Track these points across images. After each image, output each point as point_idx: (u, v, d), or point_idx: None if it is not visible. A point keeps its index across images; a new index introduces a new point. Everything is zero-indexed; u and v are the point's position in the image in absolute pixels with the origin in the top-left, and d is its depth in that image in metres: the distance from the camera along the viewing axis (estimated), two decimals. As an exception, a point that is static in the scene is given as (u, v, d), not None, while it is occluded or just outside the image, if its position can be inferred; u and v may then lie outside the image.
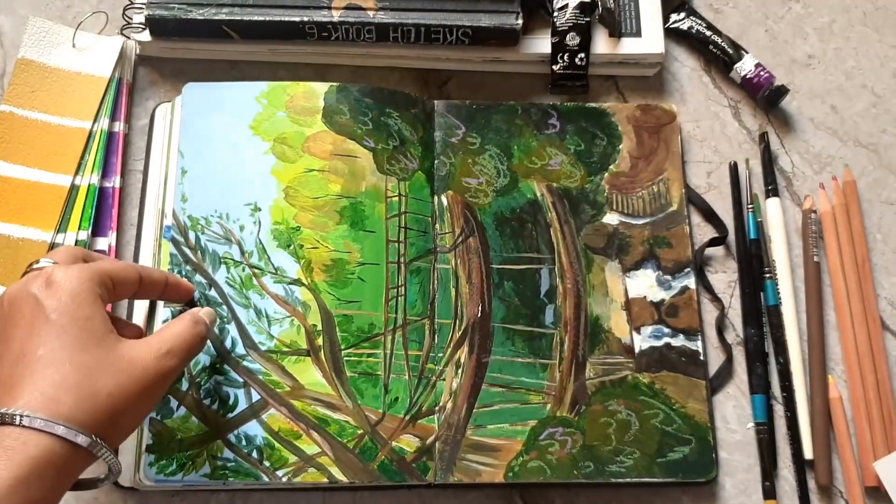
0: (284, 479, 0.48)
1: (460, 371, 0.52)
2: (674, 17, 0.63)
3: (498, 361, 0.53)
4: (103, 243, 0.55)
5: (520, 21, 0.58)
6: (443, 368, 0.52)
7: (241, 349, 0.50)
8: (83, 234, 0.54)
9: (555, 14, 0.59)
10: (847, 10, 0.65)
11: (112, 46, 0.59)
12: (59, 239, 0.54)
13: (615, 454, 0.51)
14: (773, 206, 0.58)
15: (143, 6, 0.58)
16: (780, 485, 0.52)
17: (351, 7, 0.57)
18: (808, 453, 0.52)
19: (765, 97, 0.61)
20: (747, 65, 0.61)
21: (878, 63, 0.64)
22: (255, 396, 0.49)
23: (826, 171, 0.60)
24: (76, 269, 0.40)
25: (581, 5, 0.59)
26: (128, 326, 0.47)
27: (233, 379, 0.50)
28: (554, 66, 0.59)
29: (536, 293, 0.54)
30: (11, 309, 0.39)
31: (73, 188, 0.55)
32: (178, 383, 0.49)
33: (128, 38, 0.60)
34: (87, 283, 0.40)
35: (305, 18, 0.57)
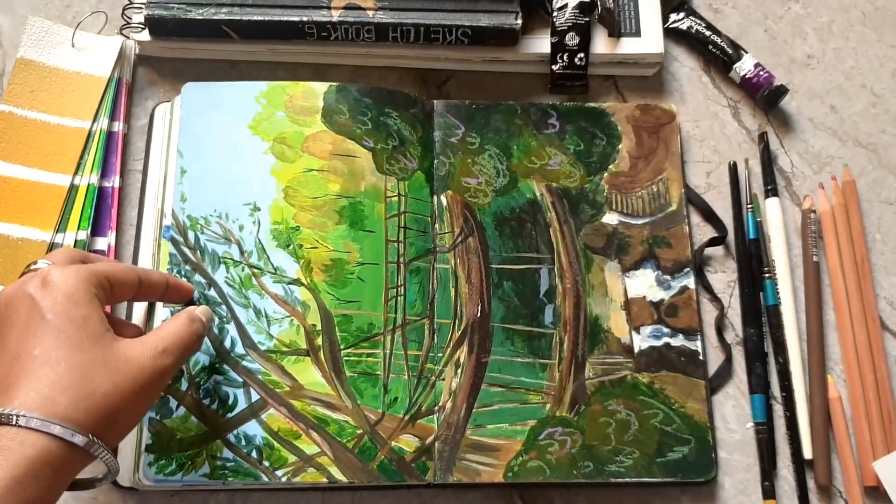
0: (284, 479, 0.48)
1: (460, 371, 0.52)
2: (673, 17, 0.63)
3: (497, 361, 0.53)
4: (103, 243, 0.55)
5: (519, 21, 0.58)
6: (442, 368, 0.52)
7: (240, 349, 0.50)
8: (82, 234, 0.54)
9: (554, 14, 0.59)
10: (846, 10, 0.65)
11: (111, 46, 0.59)
12: (58, 239, 0.54)
13: (614, 454, 0.51)
14: (772, 206, 0.58)
15: (143, 6, 0.58)
16: (779, 484, 0.52)
17: (350, 7, 0.57)
18: (808, 453, 0.52)
19: (764, 97, 0.61)
20: (747, 65, 0.61)
21: (877, 63, 0.64)
22: (255, 396, 0.49)
23: (825, 170, 0.60)
24: (72, 270, 0.40)
25: (580, 5, 0.59)
26: (127, 326, 0.47)
27: (232, 379, 0.50)
28: (553, 66, 0.59)
29: (536, 293, 0.54)
30: (8, 309, 0.39)
31: (73, 188, 0.55)
32: (177, 383, 0.49)
33: (127, 37, 0.60)
34: (84, 283, 0.40)
35: (305, 18, 0.57)
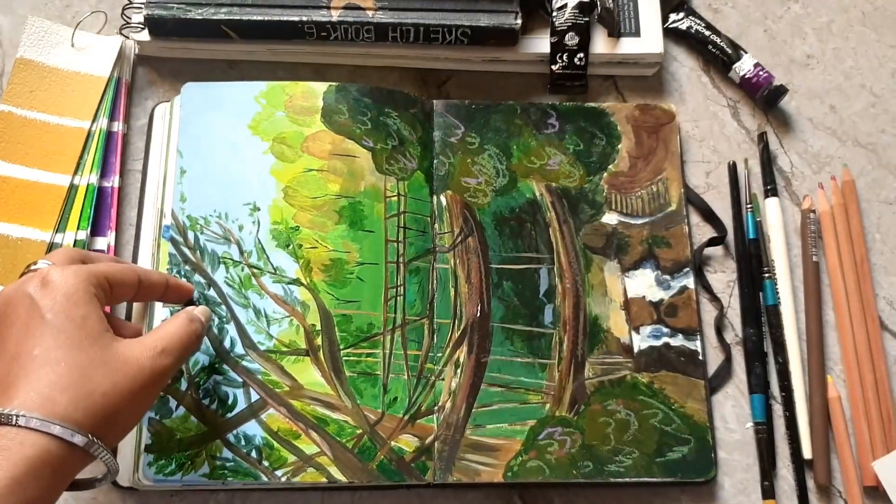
0: (283, 479, 0.48)
1: (459, 371, 0.52)
2: (673, 17, 0.63)
3: (497, 361, 0.53)
4: (102, 243, 0.55)
5: (519, 21, 0.58)
6: (442, 368, 0.52)
7: (240, 349, 0.50)
8: (82, 234, 0.54)
9: (554, 14, 0.59)
10: (846, 11, 0.65)
11: (111, 46, 0.59)
12: (57, 238, 0.54)
13: (614, 454, 0.51)
14: (771, 205, 0.58)
15: (142, 6, 0.58)
16: (778, 484, 0.52)
17: (350, 7, 0.57)
18: (807, 453, 0.52)
19: (764, 97, 0.61)
20: (746, 65, 0.61)
21: (876, 63, 0.64)
22: (255, 396, 0.49)
23: (825, 170, 0.60)
24: (72, 269, 0.40)
25: (580, 5, 0.59)
26: (127, 327, 0.47)
27: (232, 379, 0.50)
28: (553, 66, 0.59)
29: (535, 293, 0.54)
30: (7, 309, 0.39)
31: (72, 188, 0.55)
32: (176, 383, 0.49)
33: (127, 37, 0.60)
34: (83, 283, 0.40)
35: (304, 18, 0.57)
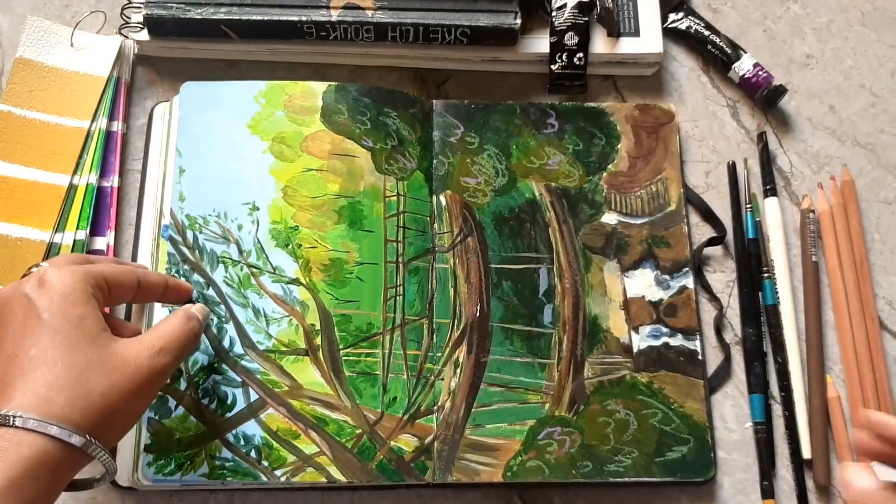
0: (283, 479, 0.48)
1: (459, 371, 0.52)
2: (672, 17, 0.63)
3: (496, 361, 0.53)
4: (101, 243, 0.55)
5: (518, 21, 0.58)
6: (441, 368, 0.52)
7: (239, 349, 0.50)
8: (81, 234, 0.54)
9: (553, 14, 0.59)
10: (845, 11, 0.65)
11: (110, 46, 0.59)
12: (57, 238, 0.54)
13: (613, 454, 0.51)
14: (771, 205, 0.58)
15: (142, 6, 0.58)
16: (778, 484, 0.52)
17: (349, 6, 0.57)
18: (807, 453, 0.52)
19: (763, 97, 0.61)
20: (745, 64, 0.61)
21: (876, 63, 0.64)
22: (254, 396, 0.49)
23: (824, 170, 0.60)
24: (69, 270, 0.40)
25: (579, 5, 0.59)
26: (126, 327, 0.47)
27: (231, 378, 0.50)
28: (552, 66, 0.59)
29: (535, 293, 0.54)
30: (4, 309, 0.39)
31: (72, 188, 0.55)
32: (176, 383, 0.49)
33: (126, 37, 0.60)
34: (80, 283, 0.40)
35: (304, 18, 0.57)
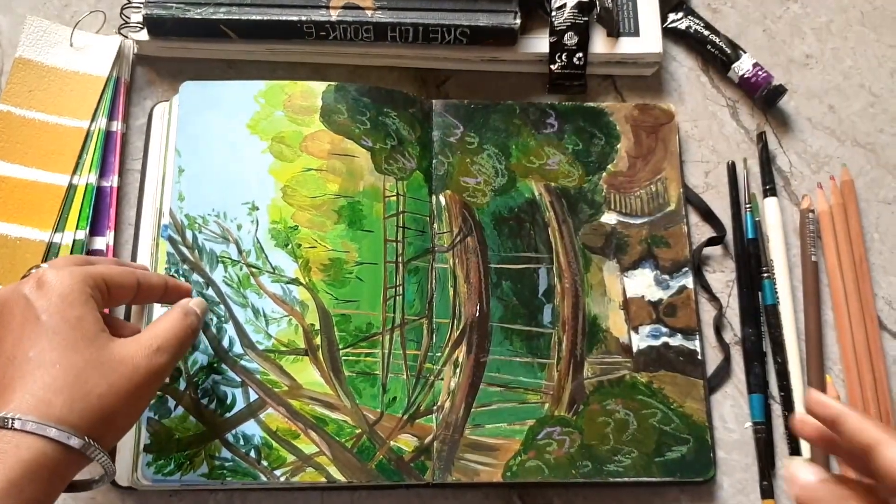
0: (282, 479, 0.48)
1: (458, 370, 0.52)
2: (672, 17, 0.63)
3: (496, 361, 0.53)
4: (101, 243, 0.55)
5: (518, 21, 0.58)
6: (441, 368, 0.52)
7: (238, 348, 0.50)
8: (81, 234, 0.54)
9: (553, 14, 0.59)
10: (845, 10, 0.65)
11: (110, 46, 0.59)
12: (56, 238, 0.54)
13: (613, 454, 0.51)
14: (770, 205, 0.58)
15: (141, 5, 0.58)
16: (777, 484, 0.52)
17: (349, 6, 0.57)
18: (806, 453, 0.52)
19: (763, 97, 0.61)
20: (745, 64, 0.61)
21: (875, 63, 0.64)
22: (253, 396, 0.49)
23: (824, 170, 0.60)
24: (67, 271, 0.40)
25: (579, 5, 0.59)
26: (126, 327, 0.47)
27: (230, 378, 0.50)
28: (552, 66, 0.59)
29: (534, 293, 0.54)
30: (3, 311, 0.39)
31: (71, 187, 0.55)
32: (175, 383, 0.49)
33: (125, 37, 0.60)
34: (79, 284, 0.39)
35: (303, 18, 0.57)
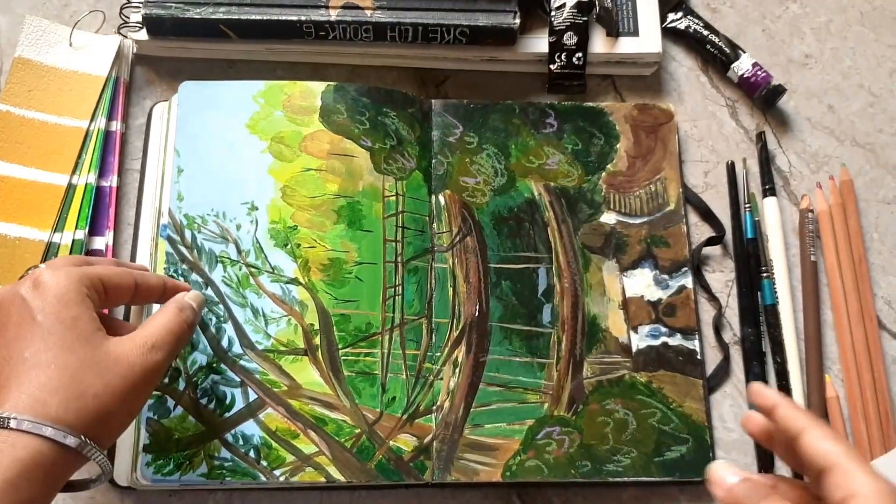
0: (282, 479, 0.48)
1: (458, 370, 0.52)
2: (671, 17, 0.63)
3: (495, 361, 0.53)
4: (100, 242, 0.55)
5: (517, 20, 0.58)
6: (440, 368, 0.52)
7: (237, 348, 0.50)
8: (80, 234, 0.54)
9: (552, 13, 0.59)
10: (844, 10, 0.65)
11: (109, 45, 0.59)
12: (56, 238, 0.54)
13: (612, 453, 0.51)
14: (770, 205, 0.58)
15: (141, 5, 0.58)
16: (777, 484, 0.52)
17: (348, 6, 0.57)
18: (805, 452, 0.52)
19: (762, 97, 0.61)
20: (744, 64, 0.61)
21: (874, 63, 0.64)
22: (252, 396, 0.49)
23: (823, 170, 0.60)
24: (64, 271, 0.40)
25: (578, 5, 0.59)
26: (124, 326, 0.47)
27: (230, 378, 0.50)
28: (551, 66, 0.59)
29: (534, 292, 0.54)
30: (0, 311, 0.39)
31: (70, 187, 0.55)
32: (174, 383, 0.49)
33: (125, 36, 0.60)
34: (75, 284, 0.39)
35: (303, 17, 0.57)
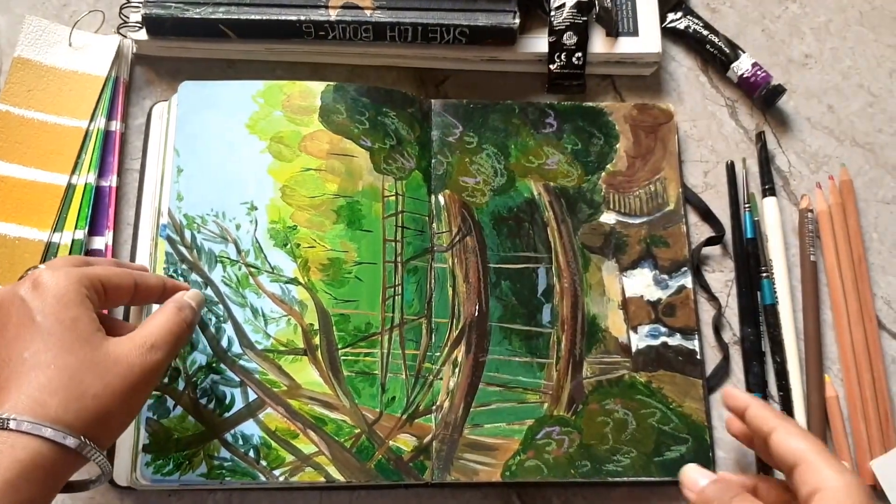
0: (281, 479, 0.48)
1: (457, 370, 0.52)
2: (671, 17, 0.63)
3: (495, 360, 0.53)
4: (100, 242, 0.55)
5: (517, 20, 0.58)
6: (440, 368, 0.52)
7: (237, 348, 0.50)
8: (80, 234, 0.54)
9: (552, 13, 0.59)
10: (843, 10, 0.65)
11: (108, 45, 0.59)
12: (55, 238, 0.54)
13: (612, 453, 0.51)
14: (769, 205, 0.58)
15: (140, 5, 0.58)
16: (776, 484, 0.52)
17: (348, 6, 0.57)
18: (805, 452, 0.52)
19: (762, 97, 0.61)
20: (744, 64, 0.61)
21: (874, 63, 0.64)
22: (252, 396, 0.49)
23: (823, 170, 0.60)
24: (63, 272, 0.40)
25: (578, 5, 0.59)
26: (123, 326, 0.47)
27: (229, 378, 0.50)
28: (551, 66, 0.59)
29: (533, 292, 0.54)
30: (0, 312, 0.39)
31: (70, 187, 0.55)
32: (174, 383, 0.49)
33: (124, 36, 0.60)
34: (74, 285, 0.39)
35: (302, 17, 0.57)
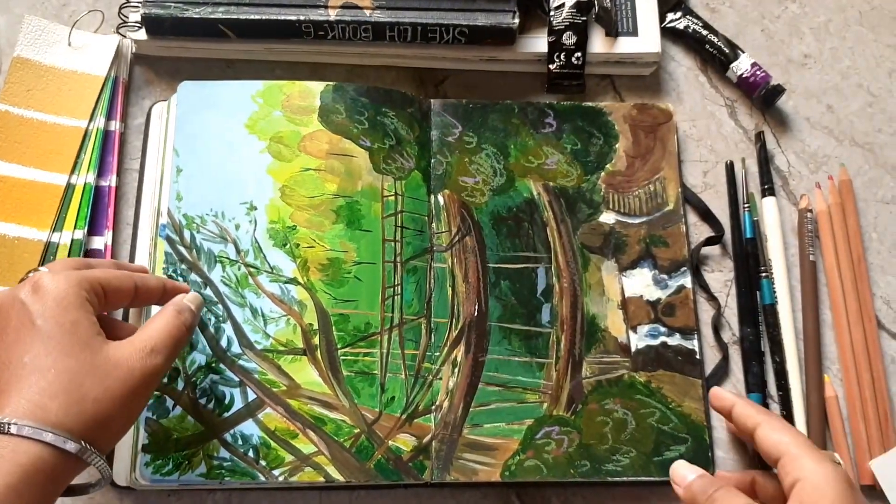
0: (281, 479, 0.48)
1: (457, 370, 0.52)
2: (670, 17, 0.63)
3: (494, 360, 0.53)
4: (99, 242, 0.55)
5: (516, 20, 0.58)
6: (439, 367, 0.52)
7: (236, 348, 0.50)
8: (79, 234, 0.54)
9: (551, 13, 0.59)
10: (843, 10, 0.65)
11: (108, 45, 0.59)
12: (54, 238, 0.54)
13: (611, 453, 0.51)
14: (769, 205, 0.58)
15: (140, 5, 0.58)
16: (776, 483, 0.52)
17: (347, 6, 0.57)
18: (804, 452, 0.52)
19: (761, 96, 0.61)
20: (743, 64, 0.61)
21: (873, 63, 0.64)
22: (251, 395, 0.49)
23: (822, 170, 0.60)
24: (63, 275, 0.40)
25: (578, 4, 0.59)
26: (123, 328, 0.47)
27: (229, 378, 0.50)
28: (550, 66, 0.59)
29: (533, 292, 0.54)
30: (0, 315, 0.39)
31: (70, 187, 0.55)
32: (173, 383, 0.49)
33: (124, 36, 0.60)
34: (75, 288, 0.39)
35: (302, 17, 0.57)
